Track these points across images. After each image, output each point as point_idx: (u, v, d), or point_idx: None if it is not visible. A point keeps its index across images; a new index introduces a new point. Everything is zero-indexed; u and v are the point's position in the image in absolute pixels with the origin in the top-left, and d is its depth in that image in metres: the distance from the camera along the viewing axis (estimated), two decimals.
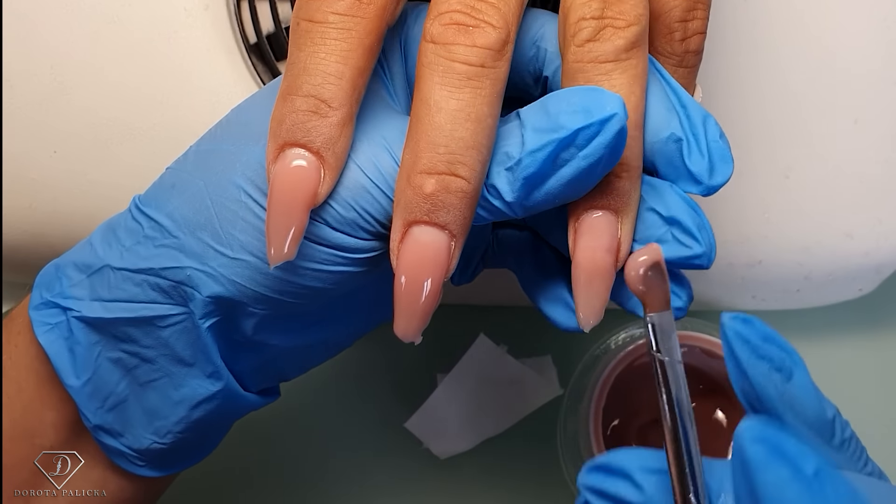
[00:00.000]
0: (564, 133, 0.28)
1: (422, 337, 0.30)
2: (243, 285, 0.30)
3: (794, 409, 0.28)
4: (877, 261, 0.46)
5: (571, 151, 0.28)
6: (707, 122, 0.30)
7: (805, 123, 0.44)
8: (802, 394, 0.28)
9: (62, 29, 0.41)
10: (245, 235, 0.30)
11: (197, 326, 0.31)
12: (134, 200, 0.32)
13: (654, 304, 0.27)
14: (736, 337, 0.27)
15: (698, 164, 0.30)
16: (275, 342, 0.33)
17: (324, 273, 0.30)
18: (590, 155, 0.28)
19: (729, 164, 0.30)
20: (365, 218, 0.29)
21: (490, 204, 0.29)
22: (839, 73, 0.44)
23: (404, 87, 0.32)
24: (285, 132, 0.28)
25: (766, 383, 0.27)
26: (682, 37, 0.31)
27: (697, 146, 0.30)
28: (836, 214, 0.45)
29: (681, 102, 0.31)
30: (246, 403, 0.34)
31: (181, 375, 0.32)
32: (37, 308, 0.33)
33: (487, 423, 0.51)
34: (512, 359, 0.51)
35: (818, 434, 0.28)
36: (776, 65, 0.44)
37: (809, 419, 0.28)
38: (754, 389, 0.27)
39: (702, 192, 0.31)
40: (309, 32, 0.28)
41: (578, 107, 0.28)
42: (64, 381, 0.32)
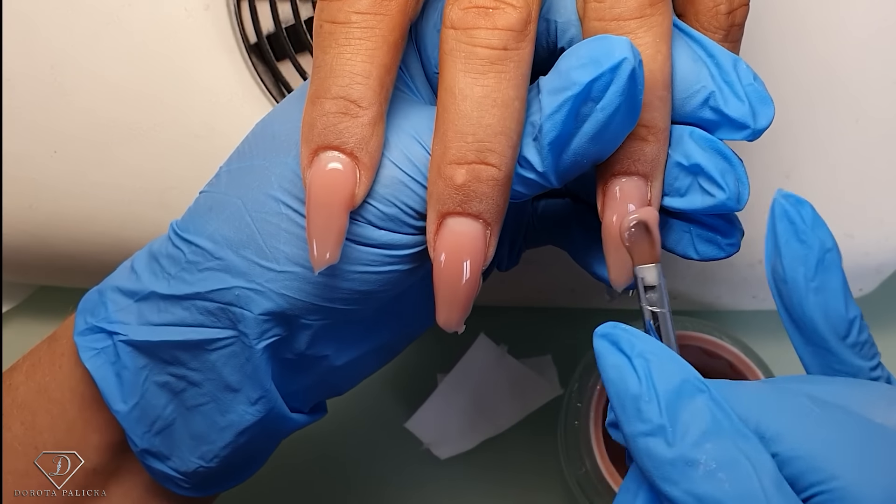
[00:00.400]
0: (577, 88, 0.27)
1: (464, 326, 0.29)
2: (294, 297, 0.30)
3: (816, 300, 0.29)
4: (877, 261, 0.46)
5: (589, 106, 0.27)
6: (738, 67, 0.29)
7: (805, 123, 0.44)
8: (829, 287, 0.29)
9: (62, 29, 0.41)
10: (289, 247, 0.30)
11: (249, 347, 0.31)
12: (172, 227, 0.32)
13: (640, 258, 0.29)
14: (782, 214, 0.29)
15: (738, 109, 0.29)
16: (329, 354, 0.33)
17: (372, 274, 0.30)
18: (606, 106, 0.27)
19: (769, 105, 0.29)
20: (406, 212, 0.29)
21: (524, 178, 0.29)
22: (839, 72, 0.44)
23: (424, 84, 0.31)
24: (317, 136, 0.28)
25: (796, 267, 0.29)
26: (727, 9, 0.31)
27: (733, 92, 0.29)
28: (837, 214, 0.45)
29: (707, 52, 0.30)
30: (293, 425, 0.34)
31: (227, 401, 0.32)
32: (82, 334, 0.32)
33: (487, 423, 0.50)
34: (512, 359, 0.51)
35: (832, 329, 0.29)
36: (776, 65, 0.44)
37: (829, 313, 0.29)
38: (784, 270, 0.29)
39: (748, 137, 0.30)
40: (332, 34, 0.28)
41: (587, 59, 0.27)
42: (111, 406, 0.32)
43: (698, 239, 0.31)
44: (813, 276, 0.29)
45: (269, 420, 0.32)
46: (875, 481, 0.24)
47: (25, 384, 0.34)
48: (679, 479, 0.24)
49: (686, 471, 0.24)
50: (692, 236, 0.31)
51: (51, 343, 0.35)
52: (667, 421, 0.24)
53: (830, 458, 0.24)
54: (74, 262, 0.45)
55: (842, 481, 0.24)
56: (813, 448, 0.24)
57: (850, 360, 0.29)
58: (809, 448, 0.24)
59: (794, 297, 0.29)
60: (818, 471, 0.24)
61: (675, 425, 0.24)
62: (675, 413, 0.24)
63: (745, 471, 0.24)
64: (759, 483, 0.24)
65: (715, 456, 0.24)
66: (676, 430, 0.24)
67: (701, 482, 0.24)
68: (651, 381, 0.25)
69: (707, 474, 0.24)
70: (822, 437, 0.25)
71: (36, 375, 0.34)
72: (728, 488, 0.24)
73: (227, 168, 0.32)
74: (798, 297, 0.29)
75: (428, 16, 0.31)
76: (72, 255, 0.45)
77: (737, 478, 0.24)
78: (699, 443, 0.24)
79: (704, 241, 0.31)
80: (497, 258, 0.37)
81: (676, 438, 0.24)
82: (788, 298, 0.29)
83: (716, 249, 0.31)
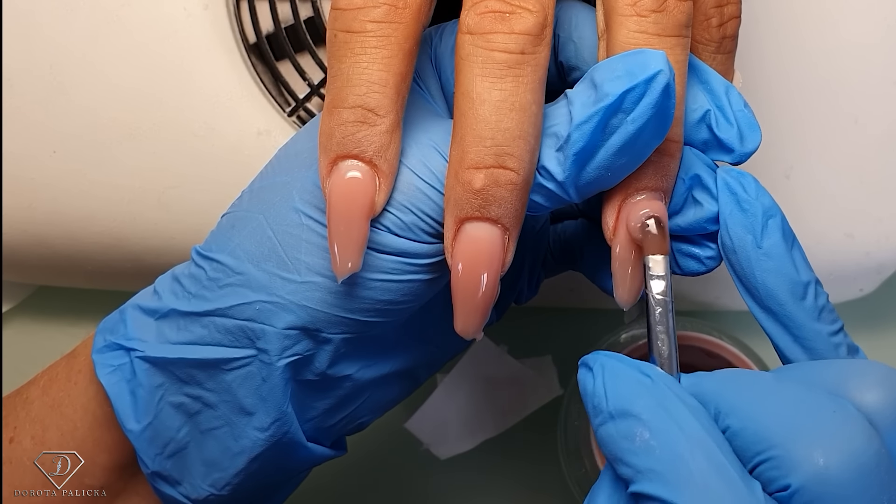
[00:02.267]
0: (610, 100, 0.27)
1: (482, 333, 0.29)
2: (315, 309, 0.30)
3: (767, 265, 0.30)
4: (877, 261, 0.46)
5: (619, 118, 0.27)
6: (730, 93, 0.30)
7: (805, 123, 0.44)
8: (776, 251, 0.30)
9: (62, 29, 0.41)
10: (310, 257, 0.29)
11: (268, 365, 0.30)
12: (194, 249, 0.32)
13: (651, 248, 0.29)
14: (724, 187, 0.30)
15: (727, 132, 0.30)
16: (352, 374, 0.32)
17: (393, 283, 0.30)
18: (637, 118, 0.27)
19: (757, 131, 0.30)
20: (424, 220, 0.29)
21: (544, 188, 0.29)
22: (839, 73, 0.44)
23: (444, 104, 0.31)
24: (336, 145, 0.28)
25: (743, 235, 0.30)
26: (718, 22, 0.31)
27: (724, 116, 0.30)
28: (836, 214, 0.45)
29: (700, 78, 0.30)
30: (309, 455, 0.33)
31: (242, 425, 0.31)
32: (100, 351, 0.32)
33: (487, 423, 0.51)
34: (512, 359, 0.51)
35: (788, 292, 0.30)
36: (776, 65, 0.44)
37: (780, 276, 0.30)
38: (731, 240, 0.30)
39: (734, 160, 0.30)
40: (348, 43, 0.28)
41: (622, 71, 0.27)
42: (124, 424, 0.32)
43: (679, 254, 0.31)
44: (760, 243, 0.29)
45: (283, 445, 0.32)
46: (814, 449, 0.25)
47: (41, 399, 0.34)
48: (624, 454, 0.26)
49: (628, 445, 0.26)
50: (673, 252, 0.31)
51: (70, 359, 0.34)
52: (612, 406, 0.27)
53: (774, 427, 0.25)
54: (74, 261, 0.45)
55: (780, 449, 0.25)
56: (760, 419, 0.26)
57: (808, 324, 0.30)
58: (757, 419, 0.26)
59: (745, 265, 0.30)
60: (762, 440, 0.25)
61: (618, 408, 0.27)
62: (617, 399, 0.27)
63: (674, 437, 0.25)
64: (688, 446, 0.25)
65: (649, 427, 0.26)
66: (619, 412, 0.26)
67: (639, 453, 0.26)
68: (602, 381, 0.27)
69: (643, 444, 0.26)
70: (771, 410, 0.26)
71: (51, 391, 0.34)
72: (658, 454, 0.25)
73: (250, 188, 0.32)
74: (749, 265, 0.30)
75: (446, 40, 0.31)
76: (71, 254, 0.45)
77: (667, 444, 0.25)
78: (637, 418, 0.26)
79: (685, 257, 0.31)
80: (517, 290, 0.37)
81: (619, 419, 0.26)
82: (740, 268, 0.30)
83: (697, 264, 0.31)
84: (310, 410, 0.33)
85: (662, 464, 0.25)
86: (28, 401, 0.34)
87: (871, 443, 0.25)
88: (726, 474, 0.25)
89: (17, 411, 0.34)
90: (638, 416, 0.26)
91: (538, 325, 0.52)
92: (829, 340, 0.30)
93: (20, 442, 0.34)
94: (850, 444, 0.25)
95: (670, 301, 0.29)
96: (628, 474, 0.26)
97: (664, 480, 0.25)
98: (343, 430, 0.35)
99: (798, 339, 0.30)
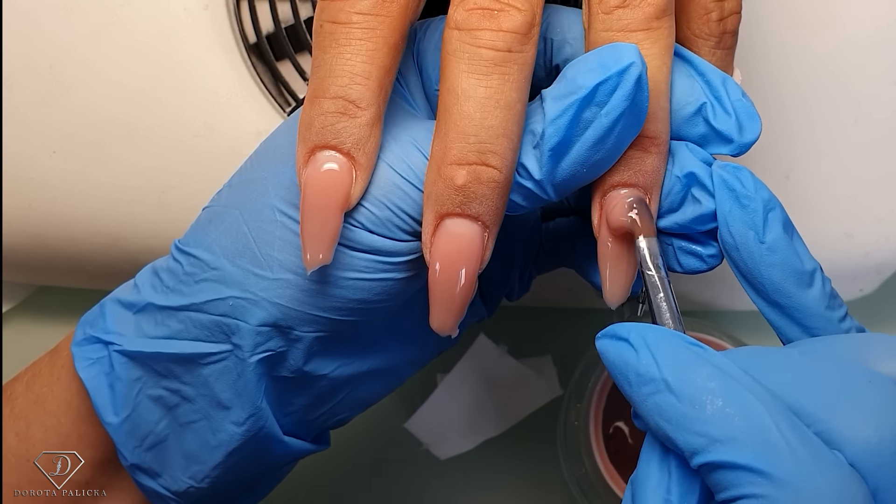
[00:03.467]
0: (583, 92, 0.27)
1: (458, 330, 0.29)
2: (287, 306, 0.30)
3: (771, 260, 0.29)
4: (877, 261, 0.46)
5: (593, 111, 0.27)
6: (727, 84, 0.30)
7: (805, 123, 0.44)
8: (780, 245, 0.29)
9: (61, 28, 0.41)
10: (283, 254, 0.29)
11: (242, 361, 0.30)
12: (174, 243, 0.32)
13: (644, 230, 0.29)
14: (721, 183, 0.29)
15: (726, 122, 0.30)
16: (328, 372, 0.32)
17: (366, 282, 0.29)
18: (611, 110, 0.27)
19: (756, 121, 0.30)
20: (399, 216, 0.29)
21: (522, 187, 0.29)
22: (839, 73, 0.44)
23: (424, 102, 0.31)
24: (315, 135, 0.28)
25: (744, 232, 0.29)
26: (718, 17, 0.31)
27: (722, 107, 0.30)
28: (836, 214, 0.45)
29: (697, 70, 0.30)
30: (286, 449, 0.33)
31: (219, 419, 0.31)
32: (79, 344, 0.32)
33: (487, 423, 0.51)
34: (512, 359, 0.51)
35: (795, 284, 0.29)
36: (776, 65, 0.44)
37: (787, 269, 0.29)
38: (733, 238, 0.29)
39: (733, 152, 0.30)
40: (333, 34, 0.28)
41: (595, 64, 0.27)
42: (102, 417, 0.32)
43: (681, 252, 0.31)
44: (762, 238, 0.29)
45: (259, 440, 0.32)
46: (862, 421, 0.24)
47: (24, 395, 0.34)
48: (691, 424, 0.25)
49: (696, 414, 0.24)
50: (674, 249, 0.31)
51: (52, 355, 0.34)
52: (668, 375, 0.25)
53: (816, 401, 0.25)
54: (73, 261, 0.45)
55: (827, 423, 0.24)
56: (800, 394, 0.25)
57: (819, 312, 0.29)
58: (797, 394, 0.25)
59: (749, 261, 0.29)
60: (807, 415, 0.25)
61: (677, 376, 0.25)
62: (674, 367, 0.25)
63: (752, 404, 0.24)
64: (769, 414, 0.24)
65: (720, 394, 0.24)
66: (679, 380, 0.25)
67: (712, 421, 0.24)
68: (647, 349, 0.26)
69: (716, 412, 0.24)
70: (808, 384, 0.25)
71: (35, 386, 0.34)
72: (738, 422, 0.24)
73: (229, 183, 0.32)
74: (752, 261, 0.29)
75: (430, 37, 0.31)
76: (71, 254, 0.45)
77: (745, 412, 0.24)
78: (703, 385, 0.25)
79: (687, 255, 0.31)
80: (508, 287, 0.37)
81: (681, 387, 0.25)
82: (744, 265, 0.30)
83: (698, 262, 0.31)
84: (288, 406, 0.33)
85: (744, 431, 0.24)
86: (12, 397, 0.34)
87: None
88: (811, 441, 0.24)
89: (3, 408, 0.34)
90: (705, 385, 0.25)
91: (538, 325, 0.52)
92: (840, 326, 0.29)
93: (4, 438, 0.34)
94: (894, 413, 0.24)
95: (665, 277, 0.29)
96: (697, 445, 0.24)
97: (749, 448, 0.24)
98: (324, 424, 0.35)
99: (809, 329, 0.29)
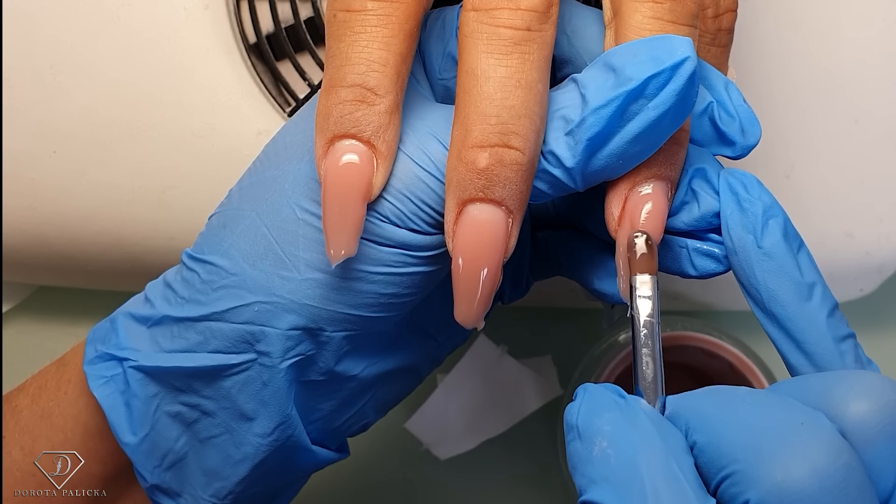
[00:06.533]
0: (634, 84, 0.26)
1: (484, 322, 0.28)
2: (317, 307, 0.29)
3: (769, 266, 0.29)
4: (878, 260, 0.46)
5: (640, 103, 0.27)
6: (729, 88, 0.30)
7: (805, 123, 0.44)
8: (778, 251, 0.29)
9: (62, 28, 0.41)
10: (309, 252, 0.28)
11: (270, 368, 0.29)
12: (184, 252, 0.31)
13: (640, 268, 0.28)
14: (726, 188, 0.29)
15: (730, 125, 0.29)
16: (358, 372, 0.32)
17: (395, 276, 0.29)
18: (660, 104, 0.26)
19: (757, 126, 0.29)
20: (422, 209, 0.28)
21: (549, 174, 0.28)
22: (839, 72, 0.44)
23: (428, 89, 0.31)
24: (333, 124, 0.27)
25: (743, 236, 0.29)
26: (714, 13, 0.31)
27: (725, 110, 0.29)
28: (837, 214, 0.45)
29: (701, 74, 0.30)
30: (314, 458, 0.32)
31: (242, 432, 0.30)
32: (91, 362, 0.31)
33: (487, 423, 0.50)
34: (512, 359, 0.51)
35: (792, 293, 0.29)
36: (776, 64, 0.44)
37: (783, 277, 0.29)
38: (732, 241, 0.29)
39: (735, 154, 0.30)
40: (348, 22, 0.27)
41: (646, 56, 0.26)
42: (120, 438, 0.31)
43: (695, 253, 0.30)
44: (760, 242, 0.29)
45: (287, 449, 0.31)
46: (774, 463, 0.24)
47: (30, 408, 0.33)
48: (582, 465, 0.26)
49: (586, 455, 0.26)
50: (688, 251, 0.30)
51: (59, 367, 0.33)
52: (580, 422, 0.26)
53: (738, 442, 0.25)
54: (73, 261, 0.45)
55: (742, 464, 0.24)
56: (726, 435, 0.25)
57: (811, 328, 0.29)
58: (722, 435, 0.25)
59: (746, 265, 0.29)
60: (723, 455, 0.25)
61: (584, 422, 0.26)
62: (587, 415, 0.26)
63: (630, 447, 0.25)
64: (643, 456, 0.24)
65: (608, 437, 0.25)
66: (585, 425, 0.26)
67: (594, 462, 0.25)
68: (580, 402, 0.27)
69: (599, 453, 0.25)
70: (738, 425, 0.25)
71: (41, 400, 0.33)
72: (613, 463, 0.25)
73: (239, 186, 0.31)
74: (749, 265, 0.29)
75: (431, 26, 0.30)
76: (71, 254, 0.45)
77: (621, 450, 0.25)
78: (599, 429, 0.26)
79: (702, 256, 0.30)
80: (500, 289, 0.36)
81: (584, 431, 0.26)
82: (741, 269, 0.29)
83: (714, 263, 0.30)
84: (314, 412, 0.32)
85: (615, 472, 0.24)
86: (17, 410, 0.33)
87: (840, 456, 0.23)
88: (680, 487, 0.24)
89: (7, 420, 0.33)
90: (600, 428, 0.25)
91: (538, 325, 0.52)
92: (835, 347, 0.28)
93: (9, 453, 0.33)
94: (813, 457, 0.23)
95: (657, 323, 0.28)
96: (581, 485, 0.25)
97: (615, 488, 0.24)
98: (348, 430, 0.34)
99: (801, 344, 0.29)
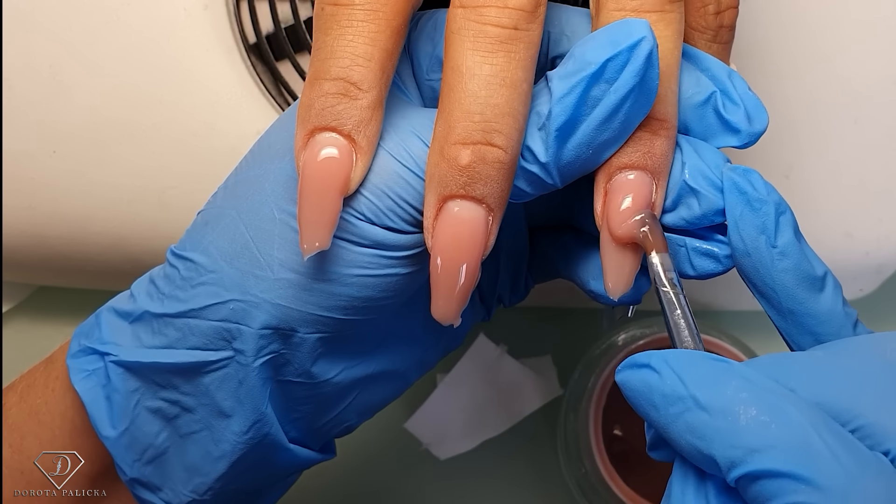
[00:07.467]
0: (592, 68, 0.26)
1: (461, 319, 0.28)
2: (290, 307, 0.29)
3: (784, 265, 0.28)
4: (877, 260, 0.46)
5: (602, 88, 0.27)
6: (733, 77, 0.29)
7: (805, 123, 0.44)
8: (792, 249, 0.28)
9: (61, 28, 0.41)
10: (283, 252, 0.28)
11: (245, 366, 0.30)
12: (169, 249, 0.31)
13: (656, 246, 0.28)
14: (732, 187, 0.28)
15: (735, 113, 0.29)
16: (334, 375, 0.31)
17: (370, 278, 0.29)
18: (620, 87, 0.26)
19: (764, 113, 0.29)
20: (401, 206, 0.28)
21: (526, 171, 0.28)
22: (839, 73, 0.44)
23: (416, 94, 0.31)
24: (314, 116, 0.27)
25: (756, 237, 0.28)
26: (716, 10, 0.30)
27: (730, 98, 0.29)
28: (836, 214, 0.45)
29: (701, 66, 0.29)
30: (292, 457, 0.32)
31: (221, 429, 0.31)
32: (74, 356, 0.31)
33: (487, 423, 0.50)
34: (512, 359, 0.51)
35: (808, 289, 0.28)
36: (776, 64, 0.44)
37: (799, 275, 0.28)
38: (744, 243, 0.28)
39: (742, 142, 0.29)
40: (335, 16, 0.27)
41: (604, 40, 0.26)
42: (99, 431, 0.31)
43: (694, 253, 0.30)
44: (774, 242, 0.28)
45: (264, 448, 0.31)
46: None
47: (18, 406, 0.33)
48: (726, 437, 0.24)
49: (730, 426, 0.23)
50: (688, 251, 0.30)
51: (47, 365, 0.34)
52: (696, 391, 0.24)
53: (853, 398, 0.24)
54: (73, 261, 0.45)
55: (868, 418, 0.24)
56: (836, 392, 0.24)
57: (831, 318, 0.28)
58: (833, 392, 0.24)
59: (761, 267, 0.28)
60: (843, 412, 0.24)
61: (706, 391, 0.24)
62: (702, 383, 0.24)
63: (788, 411, 0.23)
64: (807, 419, 0.23)
65: (753, 404, 0.23)
66: (709, 394, 0.24)
67: (748, 431, 0.23)
68: (670, 369, 0.25)
69: (751, 421, 0.23)
70: (840, 382, 0.24)
71: (29, 398, 0.33)
72: (776, 430, 0.23)
73: (224, 184, 0.31)
74: (764, 267, 0.28)
75: (422, 26, 0.30)
76: (71, 254, 0.45)
77: (782, 419, 0.23)
78: (734, 397, 0.24)
79: (701, 256, 0.30)
80: (499, 292, 0.36)
81: (711, 401, 0.24)
82: (755, 271, 0.29)
83: (714, 264, 0.30)
84: (293, 412, 0.32)
85: (782, 438, 0.23)
86: (6, 407, 0.33)
87: None
88: (853, 445, 0.23)
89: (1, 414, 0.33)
90: (736, 396, 0.24)
91: (538, 325, 0.52)
92: (853, 332, 0.29)
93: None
94: None
95: (682, 294, 0.28)
96: (734, 457, 0.23)
97: (789, 454, 0.23)
98: (331, 432, 0.34)
99: (820, 336, 0.28)
